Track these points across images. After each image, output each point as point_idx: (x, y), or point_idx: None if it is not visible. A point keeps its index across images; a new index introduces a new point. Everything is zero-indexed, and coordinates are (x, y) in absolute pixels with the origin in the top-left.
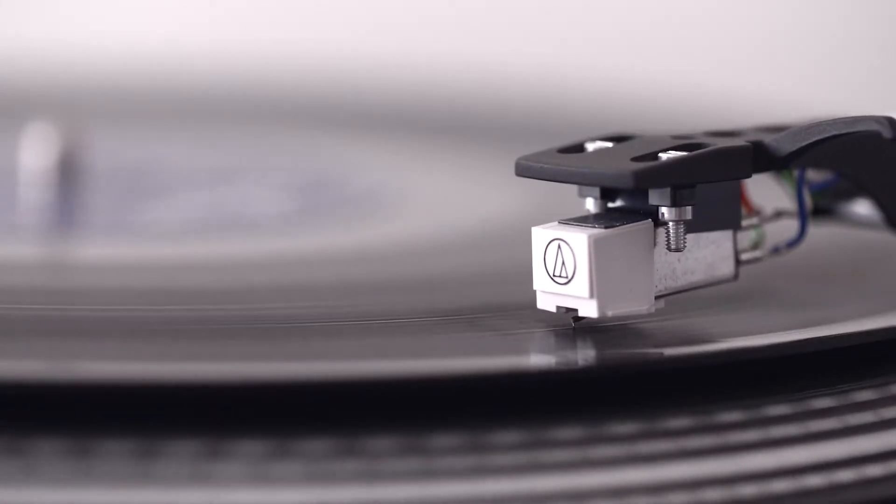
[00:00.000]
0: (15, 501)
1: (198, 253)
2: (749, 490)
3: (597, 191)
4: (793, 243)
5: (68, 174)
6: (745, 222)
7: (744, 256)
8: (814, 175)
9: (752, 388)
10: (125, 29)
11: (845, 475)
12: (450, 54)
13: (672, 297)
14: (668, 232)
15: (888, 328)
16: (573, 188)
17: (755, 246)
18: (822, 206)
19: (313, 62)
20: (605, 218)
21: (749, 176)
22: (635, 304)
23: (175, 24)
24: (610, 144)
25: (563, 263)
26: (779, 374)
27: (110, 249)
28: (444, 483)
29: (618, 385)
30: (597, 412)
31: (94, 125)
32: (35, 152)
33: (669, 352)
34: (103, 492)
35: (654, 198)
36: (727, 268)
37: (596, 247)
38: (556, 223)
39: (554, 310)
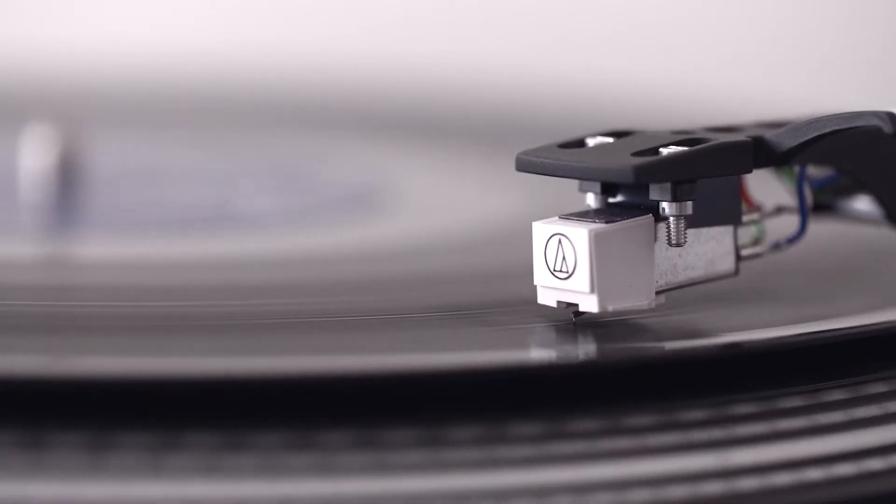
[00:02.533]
0: (19, 494)
1: (196, 251)
2: (745, 483)
3: (597, 186)
4: (793, 239)
5: (68, 174)
6: (745, 218)
7: (744, 252)
8: (814, 171)
9: (751, 383)
10: (125, 29)
11: (847, 468)
12: (449, 54)
13: (672, 293)
14: (668, 227)
15: (889, 323)
16: (574, 183)
17: (756, 241)
18: (822, 202)
19: (313, 62)
20: (606, 213)
21: (749, 171)
22: (636, 299)
23: (175, 24)
24: (610, 140)
25: (564, 258)
26: (779, 369)
27: (109, 249)
28: (455, 475)
29: (617, 379)
30: (594, 406)
31: (93, 125)
32: (35, 153)
33: (670, 346)
34: (106, 485)
35: (654, 193)
36: (728, 263)
37: (596, 241)
38: (557, 218)
39: (555, 305)
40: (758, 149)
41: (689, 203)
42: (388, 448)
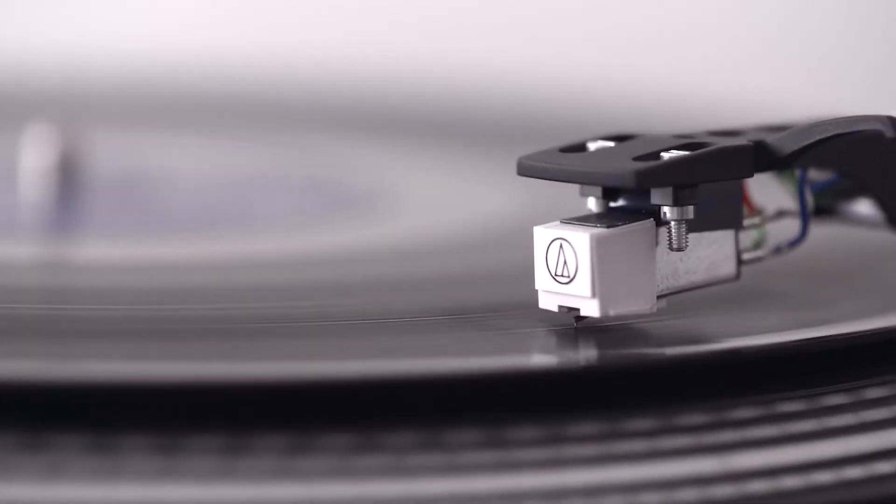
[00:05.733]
0: (17, 496)
1: (197, 253)
2: (727, 490)
3: (599, 190)
4: (794, 243)
5: (68, 174)
6: (746, 222)
7: (745, 256)
8: (815, 174)
9: (752, 388)
10: (125, 29)
11: (854, 472)
12: (450, 54)
13: (674, 297)
14: (669, 231)
15: (890, 327)
16: (575, 187)
17: (757, 245)
18: (823, 206)
19: (313, 62)
20: (607, 217)
21: (751, 175)
22: (637, 303)
23: (174, 24)
24: (612, 144)
25: (565, 263)
26: (780, 374)
27: (109, 249)
28: (456, 478)
29: (618, 384)
30: (595, 411)
31: (94, 126)
32: (35, 153)
33: (671, 351)
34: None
35: (655, 197)
36: (729, 267)
37: (598, 246)
38: (558, 222)
39: (556, 309)
40: (759, 153)
41: (691, 207)
42: (387, 451)
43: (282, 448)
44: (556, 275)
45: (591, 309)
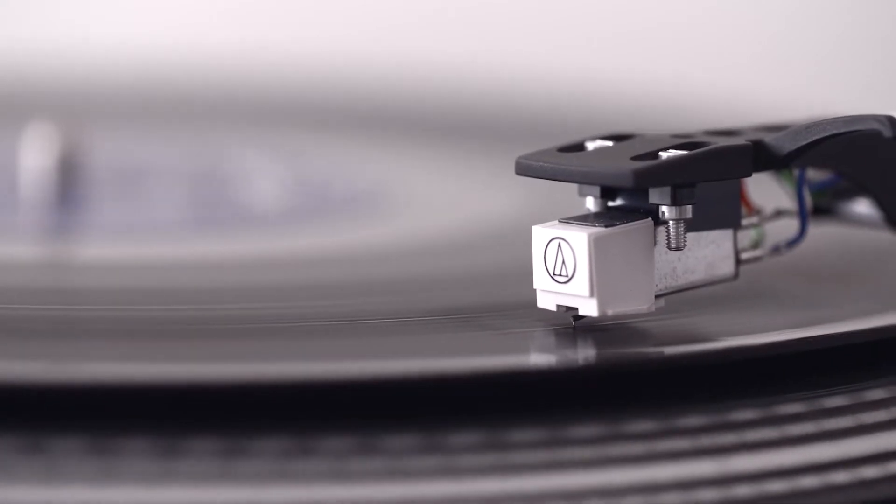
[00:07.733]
0: (17, 498)
1: (197, 252)
2: (743, 490)
3: (597, 190)
4: (793, 242)
5: (68, 174)
6: (745, 221)
7: (744, 256)
8: (814, 174)
9: (750, 387)
10: (125, 29)
11: (841, 476)
12: (450, 54)
13: (672, 296)
14: (668, 231)
15: (888, 327)
16: (573, 187)
17: (755, 245)
18: (822, 206)
19: (313, 62)
20: (606, 217)
21: (749, 175)
22: (635, 303)
23: (175, 24)
24: (610, 143)
25: (564, 262)
26: (778, 373)
27: (110, 249)
28: (455, 481)
29: (617, 384)
30: (594, 410)
31: (94, 125)
32: (35, 152)
33: (669, 351)
34: (114, 490)
35: (654, 197)
36: (727, 267)
37: (596, 245)
38: (557, 222)
39: (554, 309)
40: (758, 152)
41: (689, 207)
42: (387, 454)
43: (280, 451)
44: (554, 274)
45: (589, 308)
